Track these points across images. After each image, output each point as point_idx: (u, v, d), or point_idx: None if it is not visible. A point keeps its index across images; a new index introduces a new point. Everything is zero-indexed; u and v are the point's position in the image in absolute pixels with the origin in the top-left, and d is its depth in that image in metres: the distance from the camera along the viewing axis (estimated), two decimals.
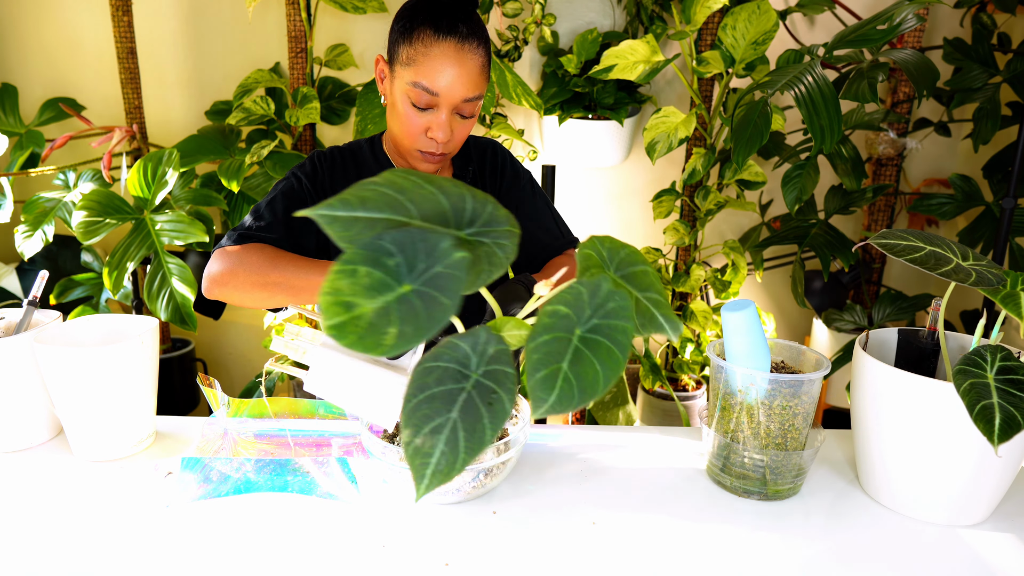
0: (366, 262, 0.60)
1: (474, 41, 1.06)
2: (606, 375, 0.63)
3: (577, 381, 0.62)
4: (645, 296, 0.73)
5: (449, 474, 0.61)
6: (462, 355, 0.68)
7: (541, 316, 0.65)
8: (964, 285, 0.78)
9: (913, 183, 2.52)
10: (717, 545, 0.83)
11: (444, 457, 0.62)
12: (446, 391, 0.65)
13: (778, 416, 0.88)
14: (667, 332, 0.71)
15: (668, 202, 2.22)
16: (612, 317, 0.67)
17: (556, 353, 0.63)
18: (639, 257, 0.76)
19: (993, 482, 0.84)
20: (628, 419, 2.09)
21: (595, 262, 0.75)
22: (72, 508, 0.88)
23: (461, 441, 0.62)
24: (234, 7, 2.38)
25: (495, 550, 0.81)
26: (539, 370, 0.62)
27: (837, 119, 1.46)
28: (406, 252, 0.61)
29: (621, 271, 0.75)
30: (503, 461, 0.87)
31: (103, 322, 1.07)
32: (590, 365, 0.64)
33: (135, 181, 1.75)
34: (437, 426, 0.63)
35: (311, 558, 0.79)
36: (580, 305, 0.67)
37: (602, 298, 0.68)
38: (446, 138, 1.09)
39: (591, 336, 0.65)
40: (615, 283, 0.74)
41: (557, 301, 0.66)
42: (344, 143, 1.28)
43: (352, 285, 0.59)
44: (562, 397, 0.62)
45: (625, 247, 0.77)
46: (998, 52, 2.12)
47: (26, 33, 2.39)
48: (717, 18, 2.13)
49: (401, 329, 0.58)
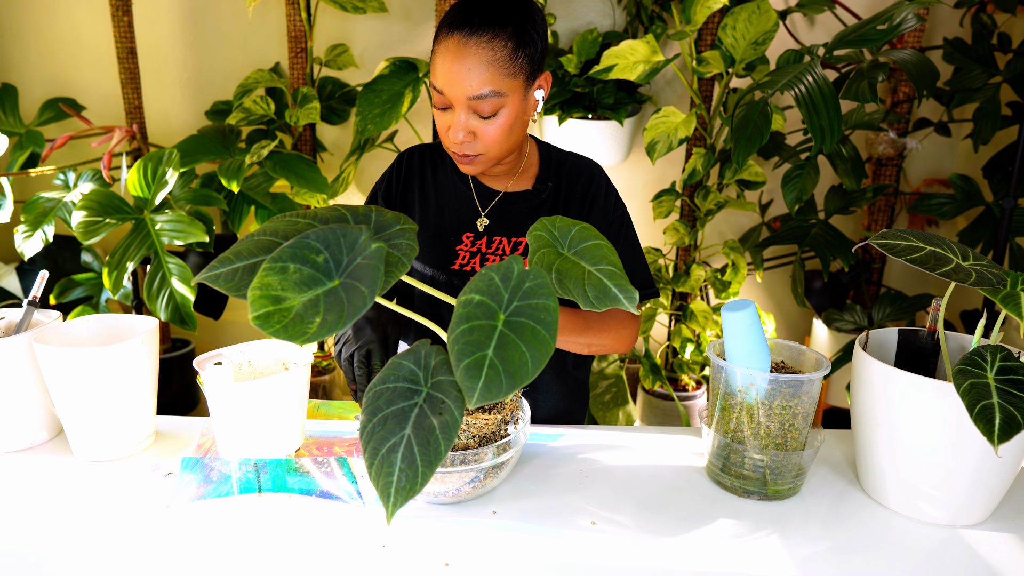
0: (295, 259, 0.63)
1: (488, 32, 0.98)
2: (534, 356, 0.63)
3: (504, 366, 0.62)
4: (597, 269, 0.72)
5: (413, 489, 0.62)
6: (408, 372, 0.70)
7: (457, 307, 0.66)
8: (964, 285, 0.78)
9: (913, 183, 2.52)
10: (717, 545, 0.83)
11: (403, 474, 0.63)
12: (398, 410, 0.67)
13: (778, 416, 0.88)
14: (622, 303, 0.70)
15: (668, 202, 2.22)
16: (532, 297, 0.67)
17: (479, 341, 0.63)
18: (591, 233, 0.76)
19: (993, 482, 0.84)
20: (628, 419, 2.09)
21: (545, 242, 0.75)
22: (72, 508, 0.88)
23: (417, 456, 0.64)
24: (234, 7, 2.38)
25: (495, 550, 0.81)
26: (463, 360, 0.63)
27: (837, 119, 1.46)
28: (331, 248, 0.64)
29: (573, 248, 0.75)
30: (502, 462, 0.87)
31: (103, 322, 1.07)
32: (515, 348, 0.64)
33: (135, 181, 1.75)
34: (393, 445, 0.65)
35: (311, 558, 0.79)
36: (495, 291, 0.67)
37: (517, 280, 0.68)
38: (464, 138, 1.03)
39: (515, 320, 0.66)
40: (566, 259, 0.74)
41: (470, 291, 0.67)
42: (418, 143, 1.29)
43: (283, 281, 0.61)
44: (489, 384, 0.62)
45: (577, 224, 0.77)
46: (998, 52, 2.12)
47: (26, 33, 2.39)
48: (717, 18, 2.13)
49: (324, 318, 0.61)
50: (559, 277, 0.72)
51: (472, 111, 1.02)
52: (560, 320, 1.03)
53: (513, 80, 1.01)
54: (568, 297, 0.71)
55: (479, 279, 0.68)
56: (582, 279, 0.72)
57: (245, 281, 0.67)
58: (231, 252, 0.68)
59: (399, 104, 1.90)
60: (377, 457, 0.65)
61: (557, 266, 0.73)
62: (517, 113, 1.04)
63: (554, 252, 0.75)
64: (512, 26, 1.00)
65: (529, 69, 1.03)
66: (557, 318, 0.66)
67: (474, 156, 1.06)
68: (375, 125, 1.89)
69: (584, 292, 0.71)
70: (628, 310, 0.70)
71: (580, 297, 0.70)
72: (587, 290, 0.71)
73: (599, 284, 0.71)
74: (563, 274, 0.72)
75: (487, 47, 0.98)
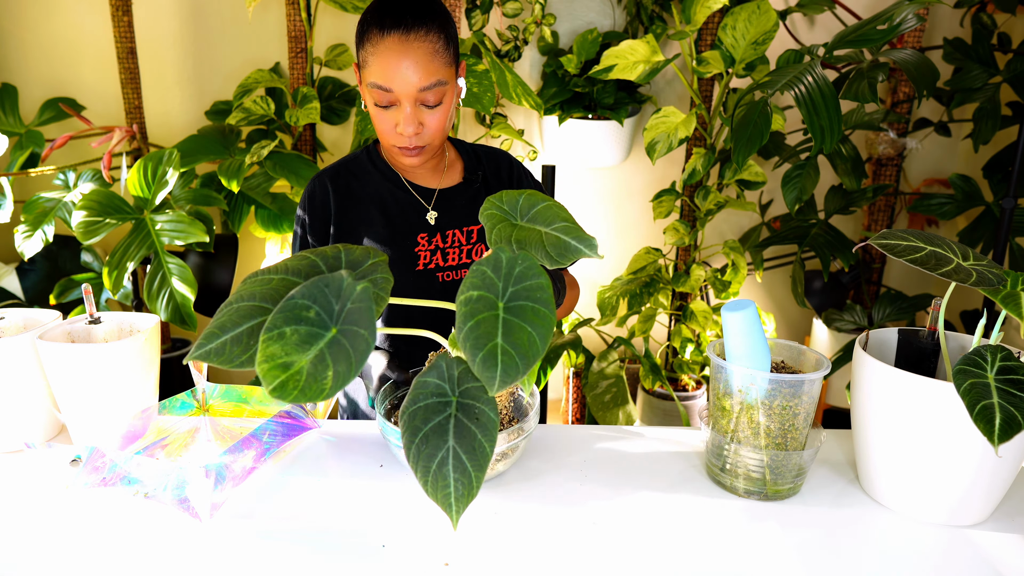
0: (288, 322, 0.64)
1: (422, 28, 1.06)
2: (540, 334, 0.66)
3: (515, 349, 0.65)
4: (552, 228, 0.75)
5: (470, 495, 0.66)
6: (435, 387, 0.73)
7: (459, 307, 0.68)
8: (964, 285, 0.78)
9: (913, 183, 2.52)
10: (717, 545, 0.83)
11: (459, 483, 0.67)
12: (436, 425, 0.70)
13: (778, 416, 0.88)
14: (583, 252, 0.73)
15: (668, 202, 2.22)
16: (525, 280, 0.70)
17: (487, 333, 0.66)
18: (538, 197, 0.79)
19: (993, 482, 0.84)
20: (628, 419, 2.09)
21: (499, 218, 0.78)
22: (73, 507, 0.88)
23: (467, 463, 0.67)
24: (234, 7, 2.38)
25: (495, 550, 0.81)
26: (477, 353, 0.65)
27: (837, 119, 1.46)
28: (318, 300, 0.66)
29: (526, 216, 0.78)
30: (512, 447, 0.90)
31: (105, 319, 1.07)
32: (522, 331, 0.66)
33: (135, 181, 1.75)
34: (441, 459, 0.68)
35: (311, 558, 0.79)
36: (490, 283, 0.69)
37: (507, 267, 0.71)
38: (414, 131, 1.09)
39: (514, 304, 0.68)
40: (522, 228, 0.77)
41: (467, 288, 0.69)
42: (340, 157, 1.31)
43: (284, 346, 0.63)
44: (507, 368, 0.64)
45: (523, 193, 0.81)
46: (998, 52, 2.12)
47: (26, 33, 2.39)
48: (717, 18, 2.13)
49: (335, 370, 0.63)
50: (519, 246, 0.75)
51: (419, 103, 1.09)
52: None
53: (449, 68, 1.10)
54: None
55: (472, 276, 0.70)
56: (540, 241, 0.75)
57: (236, 352, 0.69)
58: (215, 326, 0.70)
59: None
60: (430, 474, 0.68)
61: (515, 236, 0.76)
62: (452, 101, 1.13)
63: (509, 225, 0.78)
64: (438, 21, 1.09)
65: (456, 59, 1.13)
66: (552, 293, 0.69)
67: (422, 147, 1.13)
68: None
69: (545, 252, 0.74)
70: (591, 255, 0.74)
71: (543, 258, 0.73)
72: (547, 250, 0.74)
73: (557, 241, 0.74)
74: (522, 242, 0.75)
75: (425, 40, 1.06)
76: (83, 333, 1.06)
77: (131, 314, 1.08)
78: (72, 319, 1.06)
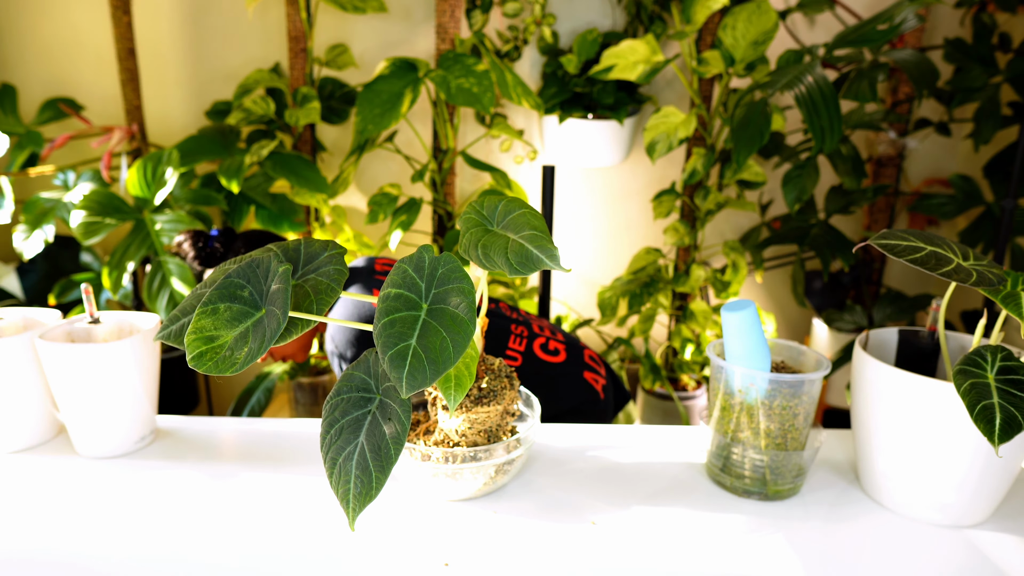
0: (223, 299, 0.69)
1: None
2: (455, 340, 0.66)
3: (426, 353, 0.65)
4: (520, 236, 0.75)
5: (369, 495, 0.66)
6: (360, 382, 0.74)
7: (378, 303, 0.69)
8: (964, 285, 0.77)
9: (913, 183, 2.52)
10: (717, 545, 0.83)
11: (359, 480, 0.67)
12: (352, 419, 0.71)
13: (778, 416, 0.88)
14: (544, 263, 0.72)
15: (668, 202, 2.22)
16: (447, 283, 0.70)
17: (401, 333, 0.66)
18: (517, 203, 0.79)
19: (993, 482, 0.84)
20: (628, 419, 2.09)
21: (475, 223, 0.78)
22: (74, 506, 0.88)
23: (370, 463, 0.67)
24: (234, 7, 2.38)
25: (495, 550, 0.81)
26: (387, 351, 0.65)
27: (837, 119, 1.46)
28: (252, 281, 0.70)
29: (501, 222, 0.78)
30: (512, 459, 0.88)
31: (105, 319, 1.07)
32: (436, 334, 0.66)
33: (135, 181, 1.75)
34: (348, 454, 0.68)
35: (311, 557, 0.79)
36: (410, 282, 0.70)
37: (430, 268, 0.71)
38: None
39: (436, 307, 0.69)
40: (493, 234, 0.76)
41: (388, 285, 0.70)
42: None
43: (215, 321, 0.67)
44: (413, 372, 0.64)
45: (503, 199, 0.80)
46: (998, 52, 2.12)
47: (26, 33, 2.39)
48: (717, 18, 2.13)
49: (250, 347, 0.66)
50: (485, 252, 0.74)
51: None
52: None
53: None
54: (494, 269, 0.73)
55: (394, 273, 0.71)
56: (504, 248, 0.74)
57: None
58: (178, 310, 0.76)
59: (399, 104, 1.90)
60: (336, 466, 0.68)
61: (483, 242, 0.75)
62: None
63: (482, 230, 0.77)
64: None
65: None
66: (474, 299, 0.69)
67: None
68: (375, 125, 1.88)
69: (507, 260, 0.73)
70: (554, 268, 0.73)
71: (504, 266, 0.72)
72: (509, 257, 0.73)
73: (520, 249, 0.73)
74: (488, 247, 0.74)
75: None
76: (83, 333, 1.06)
77: (131, 314, 1.08)
78: (72, 319, 1.05)
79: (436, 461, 0.84)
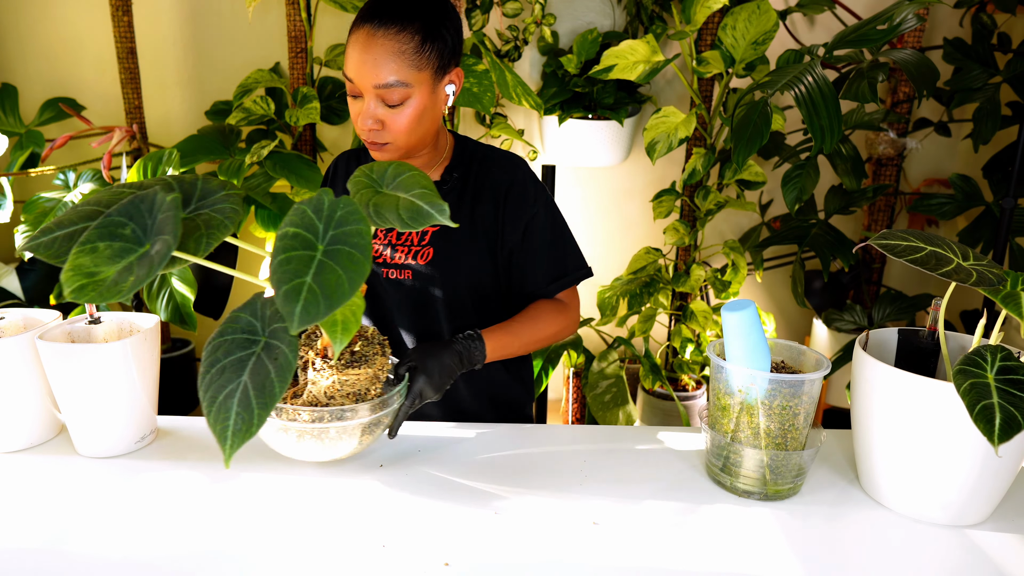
0: (103, 238, 0.68)
1: (394, 26, 1.04)
2: (350, 278, 0.67)
3: (321, 289, 0.66)
4: (411, 194, 0.79)
5: (249, 431, 0.66)
6: (245, 324, 0.74)
7: (277, 241, 0.69)
8: (964, 285, 0.78)
9: (913, 183, 2.52)
10: (717, 545, 0.83)
11: (240, 417, 0.67)
12: (235, 359, 0.71)
13: (778, 416, 0.88)
14: (435, 218, 0.76)
15: (668, 202, 2.22)
16: (346, 224, 0.71)
17: (297, 270, 0.67)
18: (406, 167, 0.83)
19: (993, 482, 0.84)
20: (628, 419, 2.09)
21: (364, 184, 0.81)
22: (75, 505, 0.88)
23: (253, 400, 0.68)
24: (234, 7, 2.38)
25: (495, 550, 0.81)
26: (282, 286, 0.66)
27: (837, 119, 1.46)
28: (134, 218, 0.69)
29: (390, 184, 0.81)
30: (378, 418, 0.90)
31: (105, 319, 1.07)
32: (332, 272, 0.67)
33: (135, 181, 1.74)
34: (230, 392, 0.68)
35: (311, 557, 0.79)
36: (308, 223, 0.71)
37: (328, 210, 0.72)
38: (372, 126, 1.08)
39: (333, 248, 0.70)
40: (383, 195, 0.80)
41: (287, 224, 0.71)
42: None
43: (94, 259, 0.67)
44: (307, 306, 0.65)
45: (391, 164, 0.84)
46: (998, 52, 2.12)
47: (26, 33, 2.39)
48: (717, 18, 2.13)
49: (137, 275, 0.66)
50: (376, 210, 0.77)
51: (380, 100, 1.07)
52: (488, 347, 1.11)
53: (419, 72, 1.06)
54: (386, 225, 0.77)
55: (293, 213, 0.72)
56: (395, 206, 0.77)
57: (64, 248, 0.71)
58: (53, 222, 0.73)
59: None
60: (215, 404, 0.68)
61: (374, 201, 0.79)
62: (425, 105, 1.09)
63: (372, 191, 0.81)
64: (420, 21, 1.05)
65: (438, 63, 1.08)
66: (370, 241, 0.70)
67: (383, 144, 1.11)
68: None
69: (398, 216, 0.76)
70: (442, 222, 0.77)
71: (396, 221, 0.76)
72: (400, 213, 0.76)
73: (411, 206, 0.77)
74: (379, 206, 0.78)
75: (394, 39, 1.04)
76: (83, 333, 1.06)
77: (131, 314, 1.08)
78: (72, 319, 1.06)
79: (303, 421, 0.85)
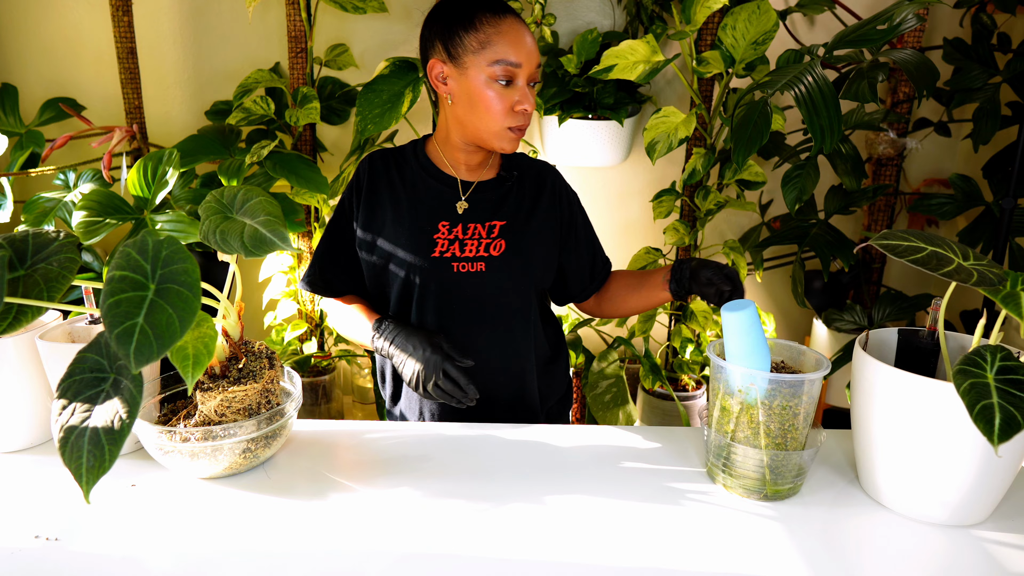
0: None
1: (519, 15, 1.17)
2: (181, 316, 0.69)
3: (153, 329, 0.68)
4: (256, 222, 0.81)
5: (102, 468, 0.69)
6: (93, 363, 0.76)
7: (105, 285, 0.71)
8: (964, 285, 0.78)
9: (913, 183, 2.52)
10: (717, 545, 0.83)
11: (91, 455, 0.69)
12: (85, 399, 0.73)
13: (778, 416, 0.88)
14: (277, 245, 0.79)
15: (668, 202, 2.22)
16: (172, 263, 0.73)
17: (128, 312, 0.69)
18: (255, 192, 0.85)
19: (993, 482, 0.84)
20: (628, 419, 2.09)
21: (214, 210, 0.84)
22: (74, 505, 0.88)
23: (103, 438, 0.70)
24: (234, 7, 2.38)
25: (495, 549, 0.81)
26: (114, 329, 0.67)
27: (837, 119, 1.46)
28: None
29: (239, 209, 0.84)
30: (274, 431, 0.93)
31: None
32: (163, 312, 0.69)
33: (135, 181, 1.74)
34: (80, 431, 0.71)
35: (311, 557, 0.79)
36: (136, 265, 0.73)
37: (154, 250, 0.74)
38: (533, 105, 1.16)
39: (163, 287, 0.71)
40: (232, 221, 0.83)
41: (114, 268, 0.72)
42: (344, 156, 1.35)
43: None
44: (140, 348, 0.67)
45: (241, 189, 0.86)
46: (998, 52, 2.12)
47: (26, 33, 2.39)
48: (717, 18, 2.13)
49: None
50: (223, 236, 0.81)
51: (531, 82, 1.16)
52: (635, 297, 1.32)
53: None
54: (231, 252, 0.80)
55: (119, 257, 0.74)
56: (240, 233, 0.80)
57: None
58: None
59: (399, 104, 1.90)
60: (67, 444, 0.71)
61: (221, 228, 0.82)
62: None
63: (222, 216, 0.84)
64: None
65: None
66: (198, 278, 0.73)
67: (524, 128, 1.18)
68: (375, 125, 1.88)
69: (242, 243, 0.79)
70: (284, 249, 0.80)
71: (239, 248, 0.79)
72: (244, 241, 0.79)
73: (254, 233, 0.80)
74: (226, 232, 0.81)
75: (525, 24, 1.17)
76: (83, 333, 1.06)
77: None
78: (72, 319, 1.06)
79: (196, 440, 0.88)
